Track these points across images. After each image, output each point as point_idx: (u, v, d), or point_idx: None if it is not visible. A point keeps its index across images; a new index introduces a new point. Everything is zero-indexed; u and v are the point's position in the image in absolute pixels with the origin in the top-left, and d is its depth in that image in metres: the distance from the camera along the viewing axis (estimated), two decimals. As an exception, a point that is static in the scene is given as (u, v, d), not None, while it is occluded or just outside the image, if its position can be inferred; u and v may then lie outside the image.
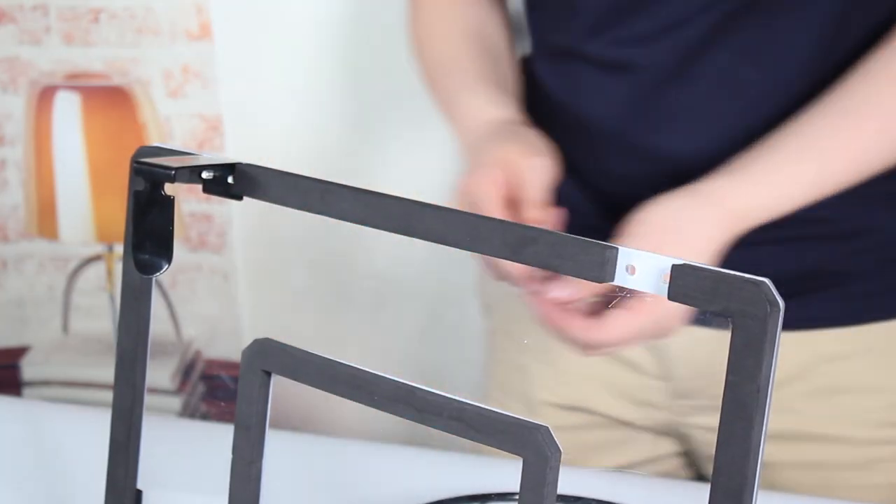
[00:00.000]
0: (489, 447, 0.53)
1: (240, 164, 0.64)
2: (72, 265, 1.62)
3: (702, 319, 0.90)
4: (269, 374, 0.60)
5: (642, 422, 1.04)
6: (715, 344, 0.94)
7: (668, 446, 1.06)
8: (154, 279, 0.64)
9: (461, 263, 1.43)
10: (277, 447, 0.63)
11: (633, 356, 1.00)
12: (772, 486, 0.97)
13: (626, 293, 0.77)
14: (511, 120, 0.93)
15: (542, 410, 1.04)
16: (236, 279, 1.60)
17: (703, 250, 0.81)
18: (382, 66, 1.50)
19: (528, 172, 0.85)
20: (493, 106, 0.94)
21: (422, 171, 1.52)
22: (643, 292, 0.54)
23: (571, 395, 1.04)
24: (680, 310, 0.79)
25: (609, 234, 0.82)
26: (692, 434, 1.03)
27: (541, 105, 0.99)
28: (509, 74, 1.00)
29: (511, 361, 1.08)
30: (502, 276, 0.83)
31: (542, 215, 0.83)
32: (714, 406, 0.97)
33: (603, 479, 0.90)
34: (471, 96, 0.95)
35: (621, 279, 0.55)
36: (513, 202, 0.84)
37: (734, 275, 0.51)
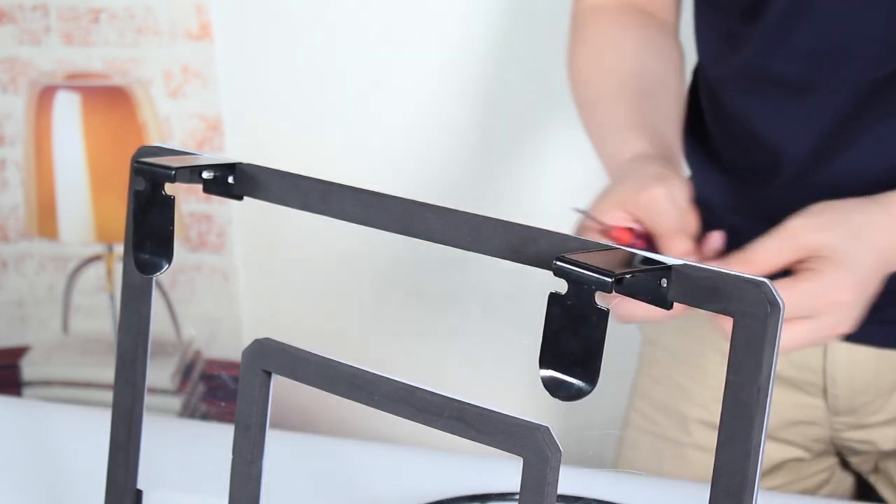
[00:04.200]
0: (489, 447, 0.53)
1: (240, 163, 0.64)
2: (72, 265, 1.62)
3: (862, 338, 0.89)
4: (269, 374, 0.60)
5: (801, 440, 1.04)
6: (879, 362, 0.96)
7: (825, 463, 1.06)
8: (154, 279, 0.64)
9: (461, 263, 1.43)
10: (277, 447, 0.63)
11: (793, 375, 0.99)
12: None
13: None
14: (643, 155, 0.89)
15: (694, 428, 1.05)
16: (236, 279, 1.60)
17: (881, 252, 0.78)
18: (382, 65, 1.50)
19: (648, 207, 0.81)
20: (630, 146, 0.91)
21: (420, 171, 1.52)
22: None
23: None
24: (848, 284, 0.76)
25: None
26: (851, 447, 1.03)
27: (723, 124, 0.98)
28: (669, 110, 0.97)
29: (668, 378, 1.08)
30: (626, 320, 0.81)
31: (686, 246, 0.81)
32: (875, 422, 0.98)
33: (603, 479, 0.90)
34: (616, 140, 0.93)
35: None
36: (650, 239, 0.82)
37: (734, 275, 0.51)
